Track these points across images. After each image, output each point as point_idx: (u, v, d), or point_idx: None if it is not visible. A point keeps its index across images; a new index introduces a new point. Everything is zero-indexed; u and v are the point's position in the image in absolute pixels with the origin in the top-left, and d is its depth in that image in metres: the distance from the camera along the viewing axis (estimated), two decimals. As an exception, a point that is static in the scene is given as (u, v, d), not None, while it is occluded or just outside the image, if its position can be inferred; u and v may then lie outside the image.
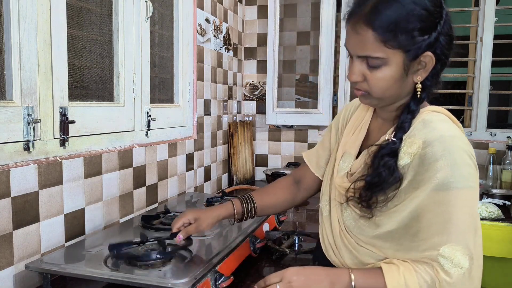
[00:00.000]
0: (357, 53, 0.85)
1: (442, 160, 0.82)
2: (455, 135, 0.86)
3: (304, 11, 2.56)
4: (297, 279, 0.86)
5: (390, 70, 0.83)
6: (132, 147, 1.48)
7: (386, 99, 0.89)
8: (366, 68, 0.85)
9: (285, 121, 2.52)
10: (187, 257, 1.04)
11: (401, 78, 0.85)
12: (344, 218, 0.95)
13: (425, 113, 0.89)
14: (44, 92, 1.09)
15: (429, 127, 0.86)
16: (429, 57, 0.84)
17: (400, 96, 0.89)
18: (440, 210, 0.82)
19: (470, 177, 0.83)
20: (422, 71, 0.85)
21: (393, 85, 0.85)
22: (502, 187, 2.19)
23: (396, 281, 0.81)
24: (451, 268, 0.80)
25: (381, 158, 0.87)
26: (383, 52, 0.82)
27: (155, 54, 1.67)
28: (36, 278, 1.07)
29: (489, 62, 2.31)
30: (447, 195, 0.81)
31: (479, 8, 2.31)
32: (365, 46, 0.83)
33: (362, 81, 0.87)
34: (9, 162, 1.00)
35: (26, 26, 1.03)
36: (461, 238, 0.81)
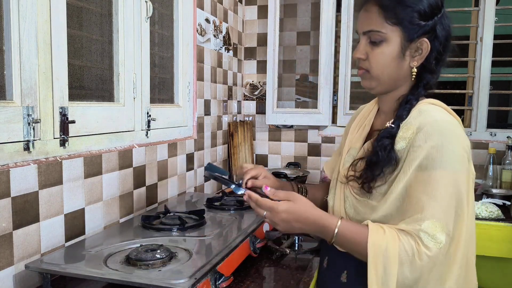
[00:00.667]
0: (363, 29, 0.95)
1: (430, 141, 0.87)
2: (448, 121, 0.92)
3: (304, 11, 2.56)
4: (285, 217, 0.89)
5: (389, 47, 0.93)
6: (132, 147, 1.48)
7: (384, 80, 0.96)
8: (369, 46, 0.95)
9: (285, 121, 2.52)
10: (187, 257, 1.04)
11: (398, 57, 0.93)
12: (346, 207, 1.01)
13: (422, 104, 0.96)
14: (44, 92, 1.09)
15: (424, 115, 0.92)
16: (426, 44, 0.93)
17: (397, 81, 0.97)
18: (424, 188, 0.87)
19: (457, 160, 0.88)
20: (419, 57, 0.94)
21: (390, 63, 0.94)
22: (502, 187, 2.19)
23: (378, 244, 0.85)
24: (430, 241, 0.84)
25: (379, 140, 0.94)
26: (384, 28, 0.92)
27: (155, 54, 1.67)
28: (36, 278, 1.07)
29: (489, 62, 2.31)
30: (432, 174, 0.87)
31: (479, 8, 2.31)
32: (370, 21, 0.94)
33: (365, 59, 0.96)
34: (9, 162, 1.00)
35: (26, 26, 1.03)
36: (443, 216, 0.86)
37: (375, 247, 0.85)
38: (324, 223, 0.90)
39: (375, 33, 0.93)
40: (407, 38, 0.92)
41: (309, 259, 1.29)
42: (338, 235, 0.89)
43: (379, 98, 1.06)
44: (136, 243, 1.13)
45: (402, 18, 0.91)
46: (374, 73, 0.96)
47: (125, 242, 1.14)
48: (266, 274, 1.19)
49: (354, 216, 0.98)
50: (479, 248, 1.74)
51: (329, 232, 0.89)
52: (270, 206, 0.90)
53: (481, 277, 1.91)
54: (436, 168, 0.87)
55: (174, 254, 1.05)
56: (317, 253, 1.32)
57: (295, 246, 1.37)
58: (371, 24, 0.93)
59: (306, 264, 1.25)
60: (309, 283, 1.14)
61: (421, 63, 0.95)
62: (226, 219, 1.39)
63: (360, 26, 0.97)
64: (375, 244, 0.85)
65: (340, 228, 0.89)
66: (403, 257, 0.84)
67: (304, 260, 1.28)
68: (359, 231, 0.88)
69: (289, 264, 1.25)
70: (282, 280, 1.14)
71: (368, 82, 0.98)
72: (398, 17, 0.91)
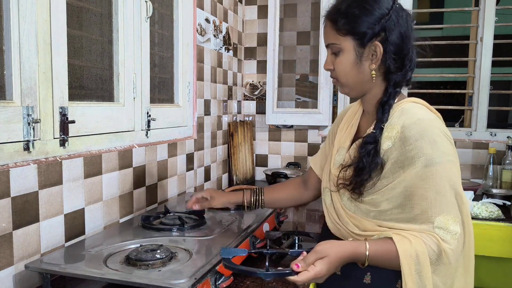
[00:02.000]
0: (325, 42, 1.04)
1: (421, 140, 0.93)
2: (431, 118, 0.98)
3: (304, 11, 2.56)
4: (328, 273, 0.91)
5: (345, 56, 1.00)
6: (132, 147, 1.48)
7: (352, 86, 1.04)
8: (333, 57, 1.03)
9: (285, 121, 2.52)
10: (187, 257, 1.04)
11: (356, 63, 1.00)
12: (344, 204, 1.05)
13: (404, 103, 1.02)
14: (44, 92, 1.09)
15: (407, 114, 0.98)
16: (378, 47, 0.98)
17: (364, 84, 1.03)
18: (428, 185, 0.92)
19: (449, 152, 0.95)
20: (375, 59, 1.00)
21: (351, 70, 1.01)
22: (502, 187, 2.19)
23: (409, 253, 0.89)
24: (447, 235, 0.91)
25: (363, 147, 1.00)
26: (337, 39, 1.00)
27: (155, 54, 1.67)
28: (36, 278, 1.07)
29: (489, 62, 2.31)
30: (432, 170, 0.92)
31: (479, 8, 2.31)
32: (327, 35, 1.03)
33: (333, 69, 1.04)
34: (9, 162, 1.00)
35: (26, 26, 1.03)
36: (451, 207, 0.92)
37: (407, 258, 0.89)
38: (355, 252, 0.93)
39: (332, 45, 1.02)
40: (359, 45, 0.99)
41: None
42: (370, 257, 0.92)
43: (361, 99, 1.11)
44: (136, 243, 1.13)
45: (350, 28, 0.98)
46: (341, 80, 1.04)
47: (125, 242, 1.14)
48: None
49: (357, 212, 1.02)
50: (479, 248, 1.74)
51: (361, 258, 0.93)
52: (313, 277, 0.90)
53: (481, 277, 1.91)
54: (435, 163, 0.92)
55: (174, 254, 1.04)
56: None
57: (295, 246, 1.37)
58: (328, 38, 1.03)
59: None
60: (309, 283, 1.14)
61: (382, 64, 1.00)
62: (226, 219, 1.39)
63: (324, 41, 1.06)
64: (406, 255, 0.90)
65: (370, 251, 0.92)
66: (432, 257, 0.90)
67: (304, 260, 1.28)
68: (387, 248, 0.92)
69: (288, 264, 1.24)
70: (282, 280, 1.13)
71: (342, 89, 1.07)
72: (346, 28, 0.99)
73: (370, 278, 1.01)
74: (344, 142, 1.12)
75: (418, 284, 0.90)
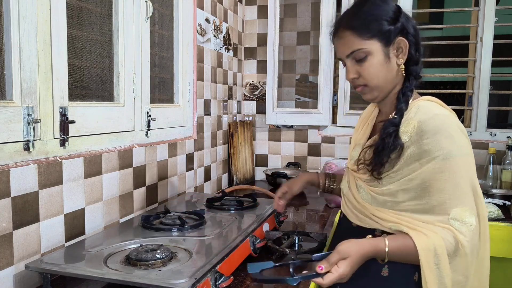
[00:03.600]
0: (345, 53, 1.04)
1: (439, 134, 0.97)
2: (446, 114, 1.02)
3: (304, 11, 2.56)
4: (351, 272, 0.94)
5: (374, 58, 1.02)
6: (132, 147, 1.48)
7: (382, 87, 1.05)
8: (356, 65, 1.04)
9: (285, 121, 2.52)
10: (187, 257, 1.04)
11: (386, 62, 1.03)
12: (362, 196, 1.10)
13: (420, 101, 1.06)
14: (44, 92, 1.09)
15: (423, 110, 1.02)
16: (403, 41, 1.02)
17: (392, 82, 1.06)
18: (446, 177, 0.96)
19: (466, 146, 1.00)
20: (402, 54, 1.04)
21: (381, 70, 1.03)
22: (502, 187, 2.19)
23: (427, 248, 0.93)
24: (463, 227, 0.94)
25: (385, 129, 1.04)
26: (363, 44, 1.01)
27: (155, 54, 1.67)
28: (36, 278, 1.07)
29: (489, 62, 2.31)
30: (450, 163, 0.96)
31: (479, 8, 2.31)
32: (349, 45, 1.03)
33: (358, 77, 1.05)
34: (9, 162, 1.00)
35: (26, 26, 1.03)
36: (467, 200, 0.96)
37: (425, 252, 0.93)
38: (376, 250, 0.96)
39: (357, 52, 1.02)
40: (386, 44, 1.02)
41: (309, 259, 1.28)
42: (390, 253, 0.96)
43: (379, 103, 1.14)
44: (136, 243, 1.13)
45: (375, 31, 1.01)
46: (371, 84, 1.05)
47: (125, 242, 1.14)
48: (266, 274, 1.18)
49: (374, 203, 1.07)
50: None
51: (381, 254, 0.97)
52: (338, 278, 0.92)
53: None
54: (453, 156, 0.96)
55: (174, 254, 1.04)
56: (317, 253, 1.32)
57: (295, 246, 1.37)
58: (351, 46, 1.03)
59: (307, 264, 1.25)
60: (309, 283, 1.14)
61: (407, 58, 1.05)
62: (226, 219, 1.39)
63: (342, 52, 1.06)
64: (424, 249, 0.93)
65: (390, 247, 0.96)
66: (450, 249, 0.93)
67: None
68: (406, 243, 0.96)
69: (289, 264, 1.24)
70: (282, 280, 1.13)
71: (370, 95, 1.07)
72: (370, 31, 1.01)
73: (388, 271, 1.05)
74: (360, 140, 1.18)
75: (437, 275, 0.93)
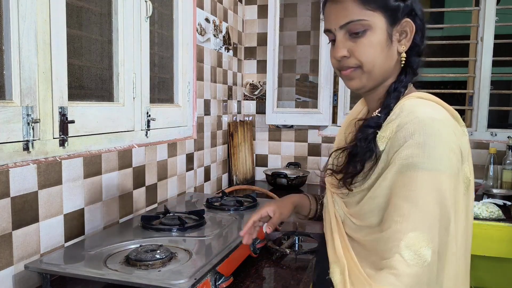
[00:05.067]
0: (340, 23, 0.84)
1: (411, 140, 0.76)
2: (434, 118, 0.78)
3: (304, 10, 2.55)
4: None
5: (374, 35, 0.83)
6: (131, 147, 1.48)
7: (375, 74, 0.85)
8: (350, 41, 0.84)
9: (285, 121, 2.52)
10: (187, 258, 1.04)
11: (386, 45, 0.84)
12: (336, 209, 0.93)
13: (407, 99, 0.85)
14: (43, 92, 1.09)
15: (406, 111, 0.81)
16: (410, 24, 0.84)
17: (387, 71, 0.87)
18: (405, 194, 0.75)
19: (442, 160, 0.75)
20: (405, 40, 0.85)
21: (380, 53, 0.84)
22: (503, 187, 2.18)
23: None
24: (413, 259, 0.72)
25: (362, 130, 0.86)
26: (365, 15, 0.82)
27: (155, 54, 1.67)
28: (35, 278, 1.06)
29: (489, 62, 2.30)
30: (413, 176, 0.75)
31: (480, 7, 2.30)
32: (346, 12, 0.83)
33: (349, 56, 0.85)
34: (9, 162, 1.00)
35: (26, 25, 1.03)
36: (427, 227, 0.73)
37: None
38: None
39: (355, 23, 0.82)
40: (391, 22, 0.83)
41: (309, 260, 1.28)
42: None
43: (365, 98, 0.96)
44: (135, 244, 1.13)
45: (381, 2, 0.82)
46: (366, 67, 0.84)
47: (125, 243, 1.13)
48: (266, 274, 1.18)
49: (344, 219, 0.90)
50: (480, 248, 1.74)
51: None
52: None
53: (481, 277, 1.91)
54: (417, 169, 0.75)
55: (174, 255, 1.04)
56: (317, 253, 1.32)
57: (295, 247, 1.37)
58: (349, 14, 0.83)
59: (306, 264, 1.25)
60: (309, 283, 1.14)
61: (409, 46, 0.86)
62: (226, 219, 1.39)
63: (334, 21, 0.85)
64: None
65: None
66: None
67: (304, 261, 1.28)
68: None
69: (289, 265, 1.25)
70: (282, 280, 1.13)
71: (359, 81, 0.87)
72: (376, 1, 0.82)
73: None
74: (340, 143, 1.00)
75: None
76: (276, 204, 1.07)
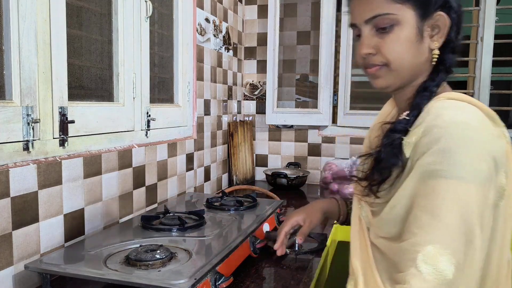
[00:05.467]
0: (365, 17, 0.79)
1: (436, 146, 0.70)
2: (464, 122, 0.71)
3: (304, 10, 2.55)
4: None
5: (403, 30, 0.77)
6: (131, 147, 1.48)
7: (404, 72, 0.80)
8: (377, 37, 0.79)
9: (285, 121, 2.52)
10: (187, 258, 1.04)
11: (416, 41, 0.78)
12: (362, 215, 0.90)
13: (436, 100, 0.78)
14: (43, 92, 1.09)
15: (433, 114, 0.74)
16: (443, 18, 0.78)
17: (417, 69, 0.81)
18: (425, 204, 0.70)
19: (468, 168, 0.68)
20: (438, 35, 0.79)
21: (409, 50, 0.78)
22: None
23: None
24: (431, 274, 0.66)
25: (388, 135, 0.80)
26: (393, 8, 0.76)
27: (155, 54, 1.67)
28: (35, 278, 1.06)
29: (489, 62, 2.30)
30: (434, 185, 0.69)
31: (480, 7, 2.30)
32: (372, 6, 0.78)
33: (375, 53, 0.80)
34: (9, 162, 1.00)
35: (26, 25, 1.03)
36: (448, 241, 0.67)
37: None
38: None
39: (382, 17, 0.77)
40: (422, 17, 0.77)
41: (309, 260, 1.28)
42: None
43: (395, 97, 0.90)
44: (135, 244, 1.13)
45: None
46: (394, 64, 0.79)
47: (125, 243, 1.13)
48: (266, 274, 1.18)
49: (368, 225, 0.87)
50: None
51: None
52: None
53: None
54: (438, 177, 0.69)
55: (173, 255, 1.04)
56: (317, 253, 1.32)
57: (295, 247, 1.37)
58: (375, 8, 0.77)
59: (306, 264, 1.25)
60: (309, 283, 1.14)
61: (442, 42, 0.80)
62: (226, 219, 1.39)
63: (360, 15, 0.80)
64: None
65: None
66: None
67: (304, 261, 1.28)
68: None
69: (289, 265, 1.24)
70: (282, 280, 1.13)
71: (384, 80, 0.81)
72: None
73: None
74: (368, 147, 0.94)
75: None
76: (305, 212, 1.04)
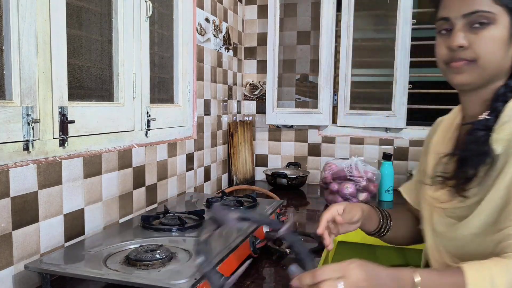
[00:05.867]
0: (464, 11, 0.81)
1: None
2: None
3: (304, 10, 2.55)
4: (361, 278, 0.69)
5: (497, 30, 0.79)
6: (131, 147, 1.48)
7: (489, 71, 0.82)
8: (469, 32, 0.81)
9: (285, 121, 2.52)
10: (187, 258, 1.04)
11: (507, 44, 0.80)
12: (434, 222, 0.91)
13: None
14: (43, 92, 1.09)
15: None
16: None
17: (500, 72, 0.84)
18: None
19: None
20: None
21: (499, 50, 0.80)
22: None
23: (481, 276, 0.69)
24: None
25: (471, 133, 0.82)
26: (493, 7, 0.79)
27: (155, 54, 1.67)
28: (35, 278, 1.06)
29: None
30: None
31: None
32: (474, 1, 0.80)
33: (467, 47, 0.81)
34: (9, 162, 1.00)
35: (26, 25, 1.03)
36: None
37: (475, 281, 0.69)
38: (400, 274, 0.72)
39: (482, 13, 0.79)
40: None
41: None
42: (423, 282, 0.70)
43: (465, 100, 0.92)
44: (135, 243, 1.13)
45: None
46: (482, 62, 0.81)
47: (125, 242, 1.13)
48: (266, 274, 1.18)
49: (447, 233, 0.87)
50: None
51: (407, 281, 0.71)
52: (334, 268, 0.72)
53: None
54: None
55: (173, 255, 1.04)
56: (317, 253, 1.32)
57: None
58: (475, 4, 0.79)
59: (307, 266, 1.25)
60: (309, 283, 1.13)
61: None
62: (226, 219, 1.38)
63: (457, 8, 0.81)
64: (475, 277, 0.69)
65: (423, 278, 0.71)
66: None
67: (304, 260, 1.27)
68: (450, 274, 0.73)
69: (289, 265, 1.24)
70: (282, 280, 1.13)
71: (468, 76, 0.83)
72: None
73: None
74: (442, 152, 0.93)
75: None
76: (346, 204, 1.04)
